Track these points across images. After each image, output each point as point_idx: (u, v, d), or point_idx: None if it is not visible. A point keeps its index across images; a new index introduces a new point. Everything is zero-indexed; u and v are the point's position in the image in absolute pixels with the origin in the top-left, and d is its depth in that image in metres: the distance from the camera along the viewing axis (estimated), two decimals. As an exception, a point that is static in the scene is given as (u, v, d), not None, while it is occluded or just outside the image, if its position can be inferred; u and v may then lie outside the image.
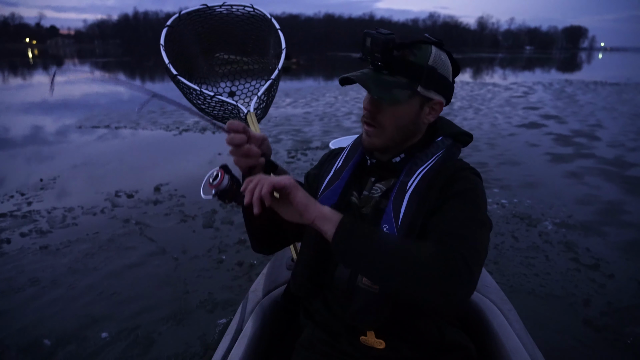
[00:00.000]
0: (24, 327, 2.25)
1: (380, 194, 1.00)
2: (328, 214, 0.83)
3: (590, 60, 56.06)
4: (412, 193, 0.93)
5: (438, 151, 0.98)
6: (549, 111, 9.79)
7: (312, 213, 0.83)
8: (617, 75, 23.09)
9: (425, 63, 0.91)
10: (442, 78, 0.94)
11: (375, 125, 0.96)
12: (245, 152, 0.91)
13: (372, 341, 0.95)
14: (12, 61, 35.79)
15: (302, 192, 0.83)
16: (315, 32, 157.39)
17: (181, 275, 2.75)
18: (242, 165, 0.94)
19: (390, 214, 0.92)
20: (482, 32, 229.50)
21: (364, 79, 0.91)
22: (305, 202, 0.82)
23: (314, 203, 0.84)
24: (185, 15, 2.33)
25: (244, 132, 0.91)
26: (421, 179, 0.94)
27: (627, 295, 2.52)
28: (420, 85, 0.92)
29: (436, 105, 0.97)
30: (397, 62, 0.91)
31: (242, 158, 0.93)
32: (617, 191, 4.39)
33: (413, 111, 0.95)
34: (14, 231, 3.39)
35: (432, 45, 0.94)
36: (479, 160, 5.51)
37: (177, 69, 2.17)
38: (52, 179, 4.70)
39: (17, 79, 20.16)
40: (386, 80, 0.91)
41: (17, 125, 8.12)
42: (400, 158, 0.99)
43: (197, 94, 2.19)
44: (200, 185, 0.87)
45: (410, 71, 0.91)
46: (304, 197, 0.83)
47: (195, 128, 7.71)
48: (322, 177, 1.11)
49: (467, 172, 0.96)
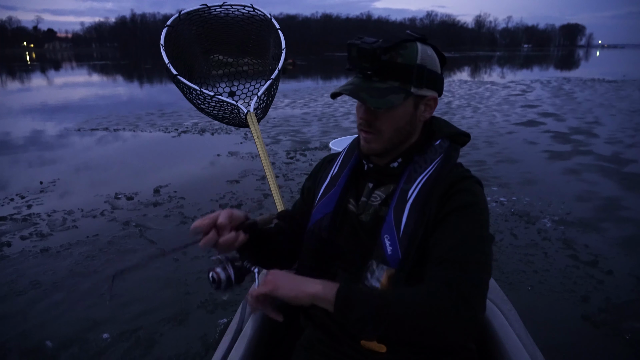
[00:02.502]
0: (25, 330, 2.26)
1: (380, 202, 0.99)
2: (321, 293, 0.83)
3: (588, 57, 56.11)
4: (414, 202, 0.91)
5: (437, 156, 0.97)
6: (547, 109, 9.81)
7: (304, 300, 0.84)
8: (615, 72, 23.11)
9: (413, 62, 0.90)
10: (432, 73, 0.94)
11: (373, 131, 0.95)
12: (223, 245, 0.91)
13: (373, 346, 0.95)
14: (10, 65, 35.76)
15: (286, 285, 0.85)
16: (313, 33, 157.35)
17: (182, 277, 2.76)
18: (229, 251, 0.95)
19: (392, 223, 0.91)
20: (479, 30, 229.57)
21: (356, 91, 0.90)
22: (293, 294, 0.84)
23: (302, 288, 0.85)
24: (185, 15, 2.33)
25: (210, 227, 0.91)
26: (422, 187, 0.93)
27: (625, 291, 2.53)
28: (413, 86, 0.91)
29: (430, 101, 0.96)
30: (386, 67, 0.90)
31: (224, 249, 0.93)
32: (615, 187, 4.40)
33: (409, 112, 0.94)
34: (14, 234, 3.40)
35: (417, 42, 0.92)
36: (478, 158, 5.52)
37: (177, 69, 2.17)
38: (52, 182, 4.71)
39: (16, 82, 20.15)
40: (378, 87, 0.90)
41: (16, 129, 8.12)
42: (398, 163, 0.99)
43: (197, 94, 2.20)
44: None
45: (401, 73, 0.90)
46: (289, 290, 0.85)
47: (194, 130, 7.72)
48: (318, 185, 1.11)
49: (468, 182, 0.94)
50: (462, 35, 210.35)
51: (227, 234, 0.91)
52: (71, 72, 29.52)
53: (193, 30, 2.41)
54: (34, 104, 11.89)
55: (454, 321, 0.76)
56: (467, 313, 0.76)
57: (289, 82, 17.26)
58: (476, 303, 0.78)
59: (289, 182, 4.61)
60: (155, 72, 25.01)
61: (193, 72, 2.44)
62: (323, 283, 0.85)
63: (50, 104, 11.92)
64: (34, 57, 66.11)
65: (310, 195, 1.14)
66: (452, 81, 17.54)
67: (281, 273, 0.89)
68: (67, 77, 24.22)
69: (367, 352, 0.96)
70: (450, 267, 0.81)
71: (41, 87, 17.72)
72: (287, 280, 0.86)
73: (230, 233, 0.92)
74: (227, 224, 0.92)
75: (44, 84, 19.33)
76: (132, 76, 24.67)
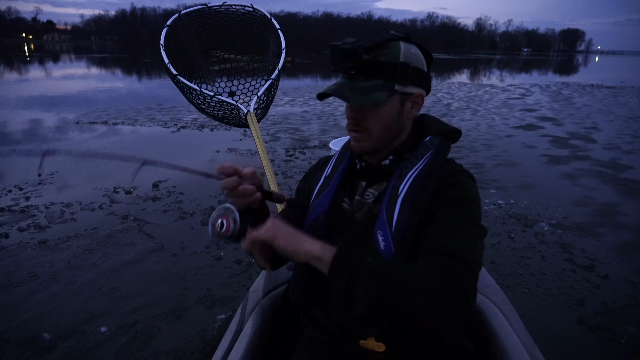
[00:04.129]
0: (23, 321, 2.25)
1: (373, 199, 1.00)
2: (318, 253, 0.84)
3: (587, 63, 56.28)
4: (404, 198, 0.92)
5: (427, 152, 0.97)
6: (545, 113, 9.84)
7: (300, 256, 0.86)
8: (613, 78, 23.21)
9: (397, 60, 0.91)
10: (416, 71, 0.94)
11: (361, 130, 0.96)
12: (240, 193, 0.93)
13: (372, 345, 0.95)
14: (9, 56, 35.56)
15: (285, 237, 0.86)
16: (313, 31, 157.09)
17: (180, 272, 2.76)
18: (239, 204, 0.96)
19: (384, 220, 0.92)
20: (479, 33, 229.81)
21: (340, 90, 0.92)
22: (291, 248, 0.86)
23: (300, 244, 0.86)
24: (185, 15, 2.33)
25: (235, 173, 0.93)
26: (412, 182, 0.93)
27: (621, 296, 2.55)
28: (397, 83, 0.92)
29: (417, 98, 0.97)
30: (370, 66, 0.91)
31: (238, 199, 0.94)
32: (613, 193, 4.43)
33: (395, 109, 0.95)
34: (12, 226, 3.38)
35: (400, 41, 0.93)
36: (476, 160, 5.54)
37: (177, 69, 2.17)
38: (50, 174, 4.69)
39: (14, 73, 20.04)
40: (363, 86, 0.91)
41: (14, 120, 8.07)
42: (390, 160, 0.99)
43: (197, 94, 2.20)
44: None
45: (384, 71, 0.92)
46: (287, 243, 0.86)
47: (194, 125, 7.71)
48: (313, 186, 1.12)
49: (460, 176, 0.95)
50: (462, 37, 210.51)
51: (247, 185, 0.93)
52: (70, 64, 29.37)
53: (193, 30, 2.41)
54: (32, 95, 11.82)
55: (445, 300, 0.76)
56: (459, 295, 0.76)
57: (288, 80, 17.25)
58: (469, 288, 0.78)
59: (288, 179, 4.62)
60: (155, 67, 24.91)
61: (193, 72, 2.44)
62: (322, 244, 0.86)
63: (49, 95, 11.86)
64: (33, 48, 65.75)
65: (304, 195, 1.14)
66: (451, 83, 17.57)
67: (283, 224, 0.89)
68: (65, 69, 24.10)
69: (366, 352, 0.96)
70: (442, 255, 0.82)
71: (40, 79, 17.63)
72: (287, 233, 0.88)
73: (250, 186, 0.94)
74: (250, 177, 0.94)
75: (42, 76, 19.23)
76: (131, 70, 24.57)
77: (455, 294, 0.76)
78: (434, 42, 46.33)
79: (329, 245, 0.86)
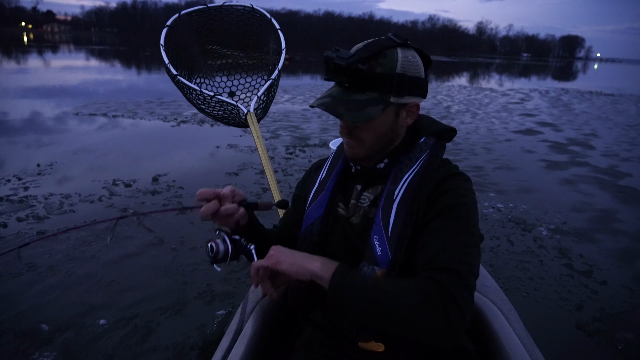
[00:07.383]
0: (21, 312, 2.24)
1: (369, 203, 0.99)
2: (318, 272, 0.85)
3: (586, 70, 56.51)
4: (400, 202, 0.91)
5: (422, 154, 0.96)
6: (545, 118, 9.88)
7: (304, 275, 0.87)
8: (612, 85, 23.31)
9: (393, 71, 0.87)
10: (413, 80, 0.91)
11: (354, 139, 0.95)
12: (223, 215, 0.93)
13: (371, 345, 0.95)
14: (7, 45, 35.32)
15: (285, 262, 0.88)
16: (314, 30, 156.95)
17: (179, 267, 2.75)
18: (228, 225, 0.96)
19: (380, 225, 0.91)
20: (480, 37, 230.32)
21: (334, 104, 0.89)
22: (294, 269, 0.87)
23: (303, 265, 0.87)
24: (185, 15, 2.32)
25: (214, 197, 0.93)
26: (408, 186, 0.92)
27: (619, 301, 2.57)
28: (392, 95, 0.89)
29: (412, 107, 0.95)
30: (364, 78, 0.87)
31: (224, 219, 0.95)
32: (611, 200, 4.45)
33: (389, 120, 0.93)
34: (10, 215, 3.36)
35: (398, 48, 0.89)
36: (476, 164, 5.55)
37: (177, 69, 2.16)
38: (49, 164, 4.66)
39: (12, 63, 19.91)
40: (356, 99, 0.88)
41: (13, 110, 8.02)
42: (385, 164, 0.98)
43: (197, 94, 2.19)
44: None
45: (380, 84, 0.88)
46: (290, 266, 0.87)
47: (194, 120, 7.69)
48: (308, 191, 1.11)
49: (457, 180, 0.93)
50: (462, 40, 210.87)
51: (228, 205, 0.93)
52: (69, 55, 29.21)
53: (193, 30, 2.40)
54: (31, 86, 11.75)
55: (440, 319, 0.75)
56: (454, 312, 0.75)
57: (289, 78, 17.22)
58: (464, 304, 0.77)
59: (288, 177, 4.61)
60: (155, 60, 24.81)
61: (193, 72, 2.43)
62: (322, 261, 0.87)
63: (48, 86, 11.79)
64: (32, 37, 65.34)
65: (300, 202, 1.14)
66: (451, 86, 17.60)
67: (283, 249, 0.91)
68: (65, 60, 23.96)
69: (366, 352, 0.97)
70: (438, 270, 0.80)
71: (39, 69, 17.52)
72: (288, 256, 0.89)
73: (231, 204, 0.94)
74: (230, 196, 0.95)
75: (41, 66, 19.11)
76: (131, 63, 24.46)
77: (450, 312, 0.75)
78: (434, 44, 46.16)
79: (329, 262, 0.87)
